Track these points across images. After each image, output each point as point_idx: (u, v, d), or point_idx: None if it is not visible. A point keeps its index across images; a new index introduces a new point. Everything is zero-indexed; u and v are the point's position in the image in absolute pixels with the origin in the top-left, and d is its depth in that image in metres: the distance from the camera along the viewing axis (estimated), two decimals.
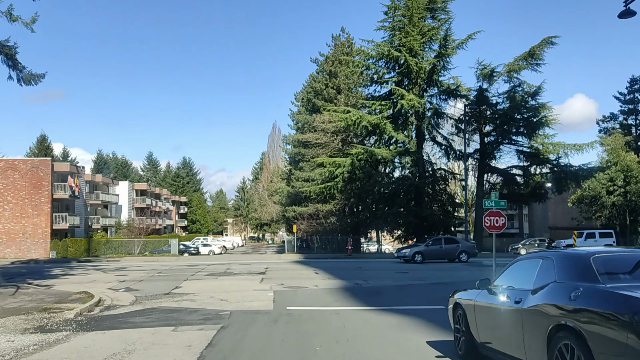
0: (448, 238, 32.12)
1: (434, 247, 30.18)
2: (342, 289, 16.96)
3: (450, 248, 30.07)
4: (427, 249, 30.08)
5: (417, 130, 42.12)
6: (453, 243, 30.60)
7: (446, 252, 29.93)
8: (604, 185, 42.43)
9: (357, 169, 39.30)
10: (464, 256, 29.82)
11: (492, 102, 40.86)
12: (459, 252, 29.84)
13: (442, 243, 30.44)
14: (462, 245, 30.53)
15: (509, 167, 42.87)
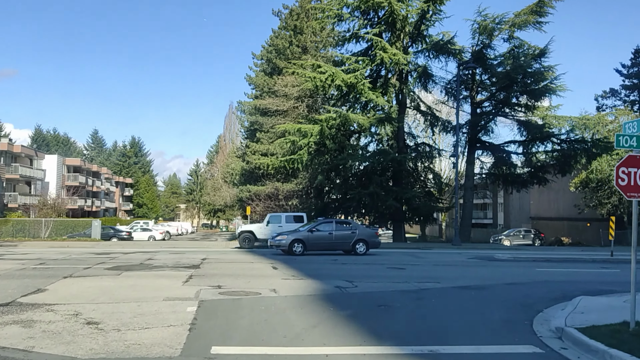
0: (340, 221, 24.71)
1: (321, 234, 21.83)
2: (319, 299, 10.27)
3: (342, 235, 22.03)
4: (310, 235, 21.62)
5: (400, 95, 35.65)
6: (347, 229, 22.63)
7: (337, 241, 21.99)
8: (613, 167, 37.02)
9: (328, 138, 32.56)
10: (361, 246, 21.95)
11: (491, 64, 34.77)
12: (354, 240, 21.97)
13: (332, 228, 22.33)
14: (360, 232, 22.52)
15: (506, 142, 37.11)
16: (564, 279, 14.90)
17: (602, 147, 32.43)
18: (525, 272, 16.74)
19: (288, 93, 41.45)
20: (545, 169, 36.56)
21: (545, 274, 16.08)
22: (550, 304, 10.16)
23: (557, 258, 21.68)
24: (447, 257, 22.20)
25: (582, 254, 23.96)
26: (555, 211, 60.05)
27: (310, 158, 34.07)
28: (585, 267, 18.99)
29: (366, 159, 33.59)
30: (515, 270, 17.04)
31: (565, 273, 16.73)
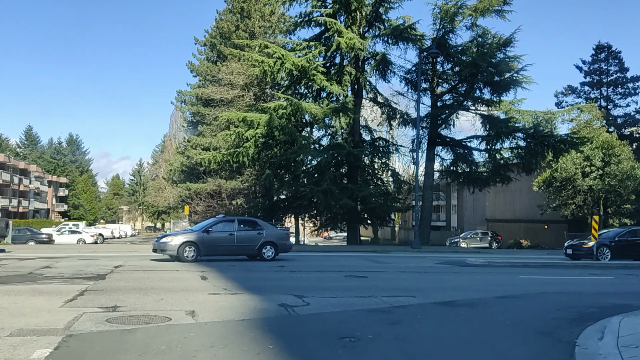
0: (244, 220, 20.08)
1: (219, 236, 17.85)
2: (254, 327, 7.17)
3: (247, 237, 18.20)
4: (206, 237, 17.59)
5: (355, 84, 32.92)
6: (253, 229, 18.63)
7: (240, 244, 18.08)
8: (578, 165, 35.59)
9: (277, 129, 29.38)
10: (268, 250, 18.28)
11: (454, 51, 32.52)
12: (261, 243, 18.20)
13: (234, 228, 18.33)
14: (268, 232, 18.63)
15: (468, 137, 35.01)
16: (560, 289, 12.37)
17: (571, 142, 30.70)
18: (510, 280, 14.15)
19: (234, 81, 38.13)
20: (508, 167, 34.71)
21: (535, 283, 13.51)
22: (576, 329, 7.47)
23: (535, 263, 19.34)
24: (411, 262, 19.46)
25: (560, 259, 21.76)
26: (512, 213, 58.99)
27: (257, 151, 30.83)
28: (571, 273, 16.65)
29: (319, 153, 30.62)
30: (498, 279, 14.41)
31: (556, 281, 14.24)
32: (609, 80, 44.17)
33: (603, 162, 35.32)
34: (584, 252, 20.87)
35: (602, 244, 20.80)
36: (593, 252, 20.51)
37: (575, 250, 21.43)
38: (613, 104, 44.03)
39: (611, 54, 43.93)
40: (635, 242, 21.05)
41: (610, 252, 20.53)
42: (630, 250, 20.92)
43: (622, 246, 20.86)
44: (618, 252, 20.63)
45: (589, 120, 36.51)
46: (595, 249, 20.57)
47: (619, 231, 22.09)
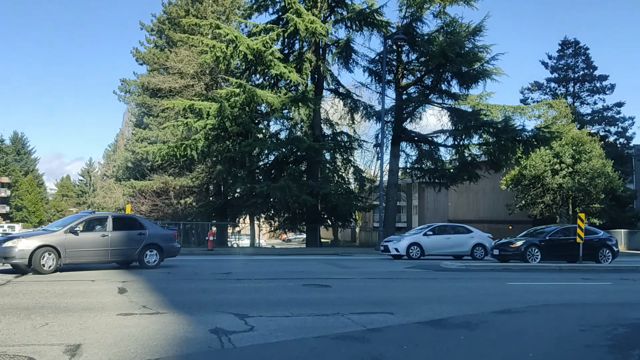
0: (121, 218, 15.45)
1: (88, 237, 13.83)
2: None
3: (125, 239, 14.44)
4: (72, 240, 13.42)
5: (316, 73, 30.59)
6: (132, 228, 14.84)
7: (116, 248, 14.17)
8: (548, 163, 34.23)
9: (229, 119, 26.72)
10: (152, 255, 14.72)
11: (421, 40, 30.59)
12: (143, 246, 14.60)
13: (109, 227, 14.27)
14: (152, 232, 15.01)
15: (435, 132, 33.13)
16: (562, 300, 10.34)
17: (543, 138, 29.18)
18: (499, 288, 12.04)
19: (183, 70, 35.19)
20: (477, 165, 33.11)
21: (529, 292, 11.46)
22: None
23: (515, 267, 17.36)
24: (378, 266, 17.20)
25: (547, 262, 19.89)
26: (475, 213, 57.87)
27: (207, 145, 28.09)
28: (560, 278, 14.72)
29: (276, 147, 28.10)
30: (484, 287, 12.28)
31: (550, 289, 12.20)
32: (575, 76, 43.39)
33: (573, 159, 34.13)
34: (511, 253, 18.76)
35: (532, 243, 18.66)
36: (520, 253, 18.38)
37: (502, 250, 19.26)
38: (580, 101, 43.26)
39: (578, 49, 43.15)
40: (568, 241, 18.94)
41: (541, 252, 18.50)
42: (563, 251, 18.98)
43: (553, 246, 18.87)
44: (549, 252, 18.68)
45: (557, 116, 35.34)
46: (523, 248, 18.39)
47: (551, 229, 19.88)
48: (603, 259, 19.20)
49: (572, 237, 19.02)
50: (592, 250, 19.12)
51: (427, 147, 33.69)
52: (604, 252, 19.31)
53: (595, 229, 21.07)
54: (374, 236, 56.46)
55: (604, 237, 20.00)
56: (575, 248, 18.60)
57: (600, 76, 43.09)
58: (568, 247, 18.82)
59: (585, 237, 18.63)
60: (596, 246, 19.33)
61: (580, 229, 17.99)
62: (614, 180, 34.27)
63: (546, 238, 19.05)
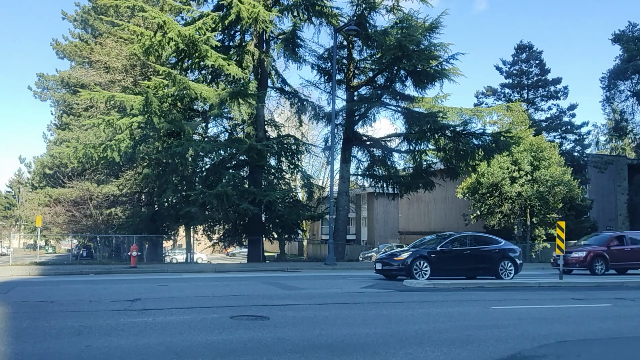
0: None
1: None
2: None
3: None
4: None
5: (260, 68, 27.70)
6: None
7: None
8: (506, 170, 32.52)
9: (156, 114, 23.33)
10: None
11: (375, 32, 28.29)
12: None
13: None
14: None
15: (388, 136, 30.86)
16: (574, 333, 7.93)
17: (504, 142, 27.30)
18: (486, 316, 9.48)
19: (110, 64, 31.52)
20: (432, 172, 31.05)
21: (528, 321, 8.94)
22: None
23: (489, 285, 14.90)
24: (330, 286, 14.35)
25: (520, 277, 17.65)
26: (426, 224, 56.31)
27: (132, 145, 24.58)
28: (548, 299, 12.36)
29: (214, 149, 24.85)
30: (466, 313, 9.67)
31: (551, 315, 9.73)
32: (529, 82, 42.42)
33: (532, 167, 32.61)
34: (396, 268, 15.80)
35: (420, 255, 15.71)
36: (406, 267, 15.43)
37: (386, 264, 16.18)
38: (534, 107, 42.26)
39: (532, 54, 42.23)
40: (463, 252, 16.43)
41: (430, 266, 15.63)
42: (458, 264, 16.16)
43: (447, 258, 16.06)
44: (441, 266, 15.88)
45: (514, 121, 33.90)
46: (409, 262, 15.44)
47: (444, 238, 16.85)
48: (504, 273, 16.36)
49: (469, 248, 16.58)
50: (491, 263, 16.43)
51: (380, 153, 31.41)
52: (505, 265, 16.45)
53: (496, 238, 17.95)
54: (323, 249, 53.73)
55: (506, 248, 16.99)
56: (474, 261, 16.22)
57: (553, 80, 42.28)
58: (464, 259, 16.25)
59: (482, 248, 16.50)
60: (496, 258, 16.49)
61: (560, 239, 15.77)
62: (573, 189, 32.98)
63: (437, 249, 16.09)
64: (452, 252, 16.32)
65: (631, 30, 39.86)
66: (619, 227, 42.69)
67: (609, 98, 41.18)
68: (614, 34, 40.68)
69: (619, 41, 40.05)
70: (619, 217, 42.46)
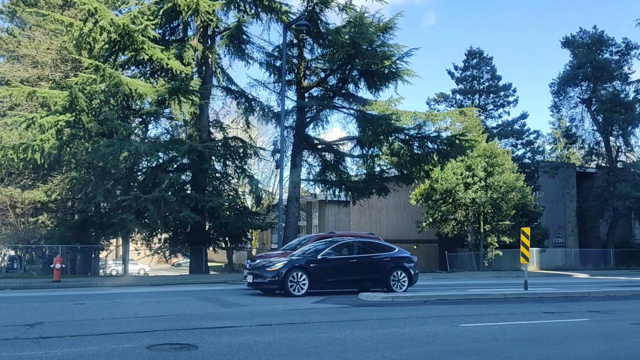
0: None
1: None
2: None
3: None
4: None
5: (203, 65, 25.88)
6: None
7: None
8: (460, 176, 31.79)
9: (85, 112, 21.14)
10: None
11: (326, 30, 27.01)
12: None
13: None
14: None
15: (340, 139, 29.55)
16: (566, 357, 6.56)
17: (460, 146, 26.44)
18: (457, 337, 8.14)
19: (39, 59, 28.96)
20: (386, 179, 29.94)
21: (507, 342, 7.69)
22: None
23: (452, 297, 13.64)
24: (277, 301, 12.72)
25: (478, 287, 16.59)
26: (378, 232, 55.25)
27: (59, 146, 22.23)
28: (518, 313, 11.19)
29: (151, 150, 22.76)
30: (433, 333, 8.30)
31: (528, 334, 8.49)
32: (481, 87, 42.20)
33: (486, 172, 32.02)
34: (269, 280, 13.48)
35: (297, 266, 13.50)
36: (280, 280, 13.23)
37: (258, 277, 13.83)
38: (486, 114, 42.05)
39: (483, 60, 42.05)
40: (349, 261, 14.25)
41: (309, 278, 13.46)
42: (342, 275, 14.03)
43: (329, 269, 13.89)
44: (322, 277, 13.74)
45: (467, 126, 33.33)
46: (284, 273, 13.17)
47: (329, 244, 14.68)
48: (397, 285, 14.45)
49: (357, 256, 14.38)
50: (382, 273, 14.43)
51: (332, 157, 30.04)
52: (398, 275, 14.51)
53: (389, 245, 15.92)
54: None
55: (400, 256, 15.01)
56: (362, 271, 14.21)
57: (504, 85, 42.21)
58: (351, 269, 14.12)
59: (372, 256, 14.62)
60: (388, 268, 14.50)
61: (524, 246, 14.73)
62: (526, 195, 32.61)
63: (317, 257, 13.90)
64: (336, 261, 14.12)
65: (581, 37, 40.24)
66: (567, 234, 42.97)
67: (559, 104, 41.49)
68: (564, 37, 40.98)
69: (569, 46, 40.33)
70: (568, 225, 42.71)
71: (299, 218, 30.68)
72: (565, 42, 41.28)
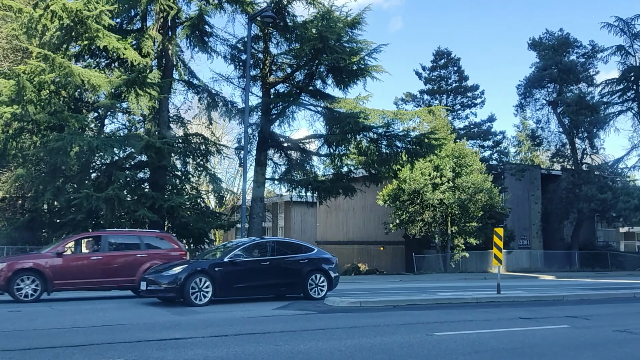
0: None
1: None
2: None
3: None
4: None
5: (164, 57, 24.61)
6: None
7: None
8: (428, 176, 31.34)
9: (33, 103, 19.70)
10: None
11: (293, 22, 26.12)
12: None
13: None
14: None
15: (307, 137, 28.67)
16: None
17: (429, 145, 25.89)
18: (433, 348, 7.39)
19: None
20: (354, 178, 29.22)
21: (488, 355, 7.03)
22: None
23: (423, 302, 12.92)
24: (236, 307, 11.78)
25: (448, 290, 15.93)
26: (345, 234, 54.74)
27: (4, 140, 20.72)
28: (496, 319, 10.54)
29: (105, 145, 21.39)
30: (407, 344, 7.54)
31: (513, 346, 7.84)
32: (449, 87, 42.02)
33: (454, 173, 31.66)
34: (164, 288, 11.76)
35: (199, 270, 11.86)
36: (178, 286, 11.55)
37: (152, 283, 11.96)
38: (454, 115, 41.88)
39: (450, 60, 41.87)
40: (261, 264, 12.73)
41: (213, 285, 11.79)
42: (253, 280, 12.49)
43: (237, 273, 12.26)
44: (229, 283, 12.14)
45: (436, 126, 32.95)
46: (183, 278, 11.54)
47: (238, 246, 13.11)
48: (315, 290, 13.06)
49: (270, 258, 12.87)
50: (299, 277, 13.01)
51: (298, 156, 29.14)
52: (317, 279, 13.13)
53: (307, 245, 14.58)
54: None
55: (318, 257, 13.64)
56: (276, 275, 12.77)
57: (472, 86, 42.13)
58: (263, 273, 12.59)
59: (288, 258, 13.16)
60: (305, 271, 13.09)
61: (497, 248, 14.15)
62: (494, 196, 32.40)
63: (224, 260, 12.25)
64: (246, 264, 12.50)
65: (548, 38, 40.45)
66: (532, 236, 43.14)
67: (525, 106, 41.64)
68: (531, 39, 41.14)
69: (536, 48, 40.51)
70: (533, 227, 42.88)
71: (263, 219, 29.63)
72: (532, 44, 41.45)
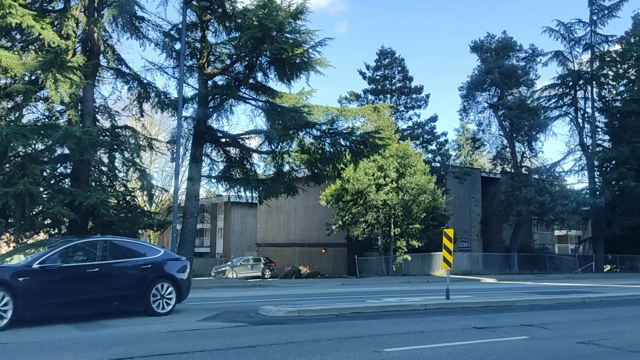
0: None
1: None
2: None
3: None
4: None
5: (88, 41, 22.49)
6: None
7: None
8: (372, 177, 30.47)
9: None
10: None
11: (231, 13, 24.57)
12: None
13: None
14: None
15: (246, 132, 27.17)
16: None
17: (373, 144, 24.98)
18: None
19: None
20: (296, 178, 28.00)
21: None
22: None
23: (368, 310, 11.76)
24: (154, 319, 10.19)
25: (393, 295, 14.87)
26: (286, 236, 53.44)
27: None
28: (451, 331, 9.54)
29: (17, 135, 19.11)
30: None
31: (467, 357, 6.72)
32: (393, 87, 41.53)
33: (398, 173, 30.98)
34: None
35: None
36: None
37: None
38: (397, 115, 41.38)
39: (394, 60, 41.43)
40: (87, 271, 9.89)
41: (15, 301, 8.77)
42: (75, 293, 9.69)
43: (52, 284, 9.36)
44: (40, 299, 9.18)
45: (380, 125, 32.21)
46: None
47: (56, 246, 10.03)
48: (159, 303, 10.62)
49: (99, 263, 10.00)
50: (140, 287, 10.47)
51: (237, 152, 27.60)
52: (163, 289, 10.70)
53: (150, 245, 12.59)
54: None
55: (165, 260, 11.15)
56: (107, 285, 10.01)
57: (416, 88, 41.87)
58: (88, 284, 9.81)
59: (123, 263, 10.44)
60: (148, 279, 10.58)
61: (447, 250, 13.25)
62: (437, 198, 31.94)
63: (33, 267, 9.21)
64: (65, 270, 9.63)
65: (489, 42, 40.75)
66: (472, 238, 43.31)
67: (467, 109, 41.76)
68: (473, 42, 41.38)
69: (478, 51, 40.76)
70: (473, 229, 43.06)
71: (198, 218, 27.87)
72: (474, 46, 41.65)
